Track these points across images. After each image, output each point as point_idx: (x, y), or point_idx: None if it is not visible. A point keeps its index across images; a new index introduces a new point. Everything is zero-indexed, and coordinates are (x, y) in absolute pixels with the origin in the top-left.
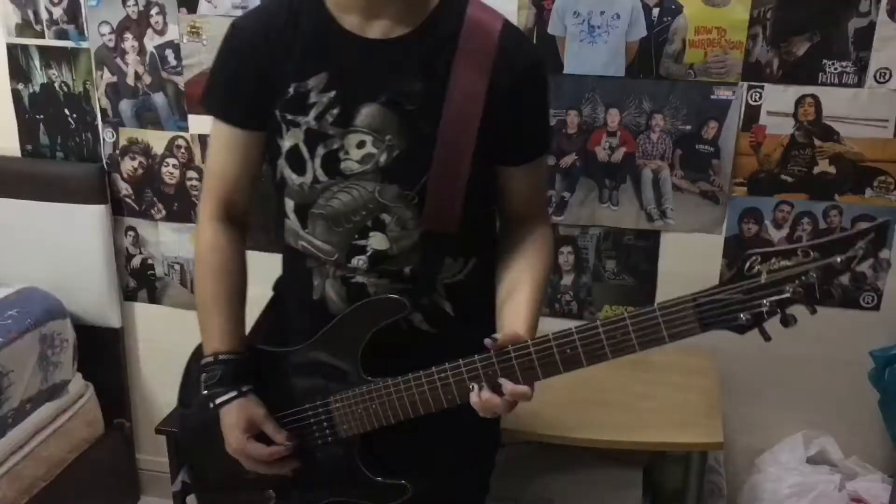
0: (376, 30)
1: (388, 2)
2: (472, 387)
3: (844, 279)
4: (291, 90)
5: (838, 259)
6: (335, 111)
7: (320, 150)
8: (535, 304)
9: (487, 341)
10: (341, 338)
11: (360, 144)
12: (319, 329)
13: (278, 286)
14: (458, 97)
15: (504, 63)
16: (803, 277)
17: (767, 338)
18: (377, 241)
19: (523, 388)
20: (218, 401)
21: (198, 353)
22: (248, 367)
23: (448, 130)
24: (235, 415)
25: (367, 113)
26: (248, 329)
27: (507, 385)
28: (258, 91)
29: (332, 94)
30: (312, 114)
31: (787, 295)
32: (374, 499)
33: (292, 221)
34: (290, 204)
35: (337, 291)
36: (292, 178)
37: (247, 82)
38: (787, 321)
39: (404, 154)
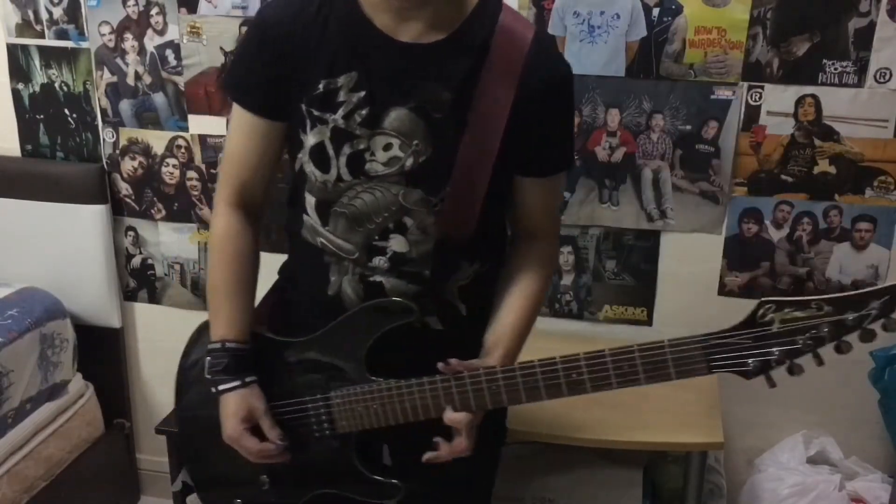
0: (409, 32)
1: (421, 6)
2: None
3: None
4: (321, 86)
5: (850, 317)
6: (364, 112)
7: (346, 150)
8: (522, 331)
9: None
10: (348, 335)
11: (387, 147)
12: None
13: (284, 270)
14: (484, 107)
15: (533, 74)
16: (815, 331)
17: (773, 384)
18: (397, 244)
19: (461, 416)
20: (221, 388)
21: (195, 335)
22: (254, 358)
23: (472, 139)
24: (236, 404)
25: (395, 116)
26: None
27: (448, 413)
28: (281, 83)
29: (362, 94)
30: (341, 112)
31: (798, 346)
32: (366, 495)
33: (312, 218)
34: (311, 200)
35: (354, 289)
36: (315, 174)
37: (270, 73)
38: (794, 370)
39: (430, 160)
